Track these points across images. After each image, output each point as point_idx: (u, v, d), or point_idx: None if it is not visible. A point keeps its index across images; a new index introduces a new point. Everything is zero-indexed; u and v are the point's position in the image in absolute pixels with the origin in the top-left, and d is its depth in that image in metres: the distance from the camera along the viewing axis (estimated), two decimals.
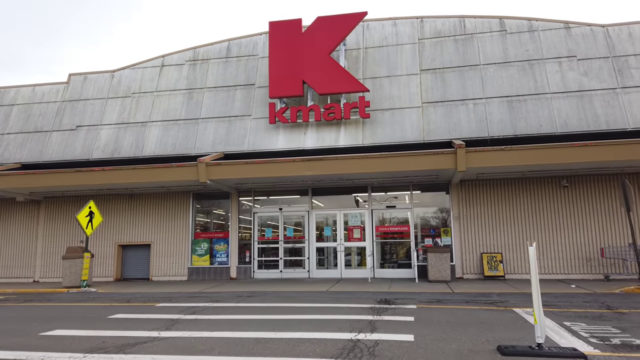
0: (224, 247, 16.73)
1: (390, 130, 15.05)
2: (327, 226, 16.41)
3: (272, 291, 12.73)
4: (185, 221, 16.95)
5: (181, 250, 16.82)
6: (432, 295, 11.42)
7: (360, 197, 16.33)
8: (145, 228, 17.16)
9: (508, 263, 14.64)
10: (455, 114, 14.84)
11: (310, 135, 15.54)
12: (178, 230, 16.94)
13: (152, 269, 16.92)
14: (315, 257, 16.09)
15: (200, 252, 16.84)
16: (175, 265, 16.80)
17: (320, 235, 16.41)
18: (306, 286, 13.64)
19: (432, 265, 14.09)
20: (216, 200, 17.23)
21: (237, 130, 16.13)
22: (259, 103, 16.30)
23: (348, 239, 16.01)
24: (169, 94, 17.18)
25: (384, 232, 15.93)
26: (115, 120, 17.21)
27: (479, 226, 14.99)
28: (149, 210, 17.21)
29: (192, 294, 12.65)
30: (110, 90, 17.74)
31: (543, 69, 14.96)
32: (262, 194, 16.87)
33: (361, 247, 15.98)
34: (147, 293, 13.04)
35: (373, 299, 10.77)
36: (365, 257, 15.82)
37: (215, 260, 16.74)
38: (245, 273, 16.36)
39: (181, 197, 17.12)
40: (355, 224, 16.07)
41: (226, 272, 16.48)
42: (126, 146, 16.68)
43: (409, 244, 15.65)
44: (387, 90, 15.60)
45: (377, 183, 15.72)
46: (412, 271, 15.37)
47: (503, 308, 9.40)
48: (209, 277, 16.56)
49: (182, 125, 16.63)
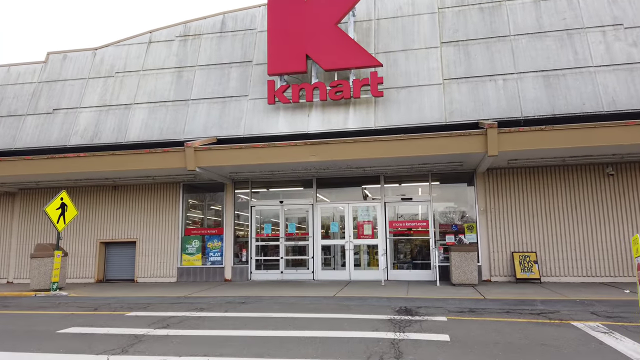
0: (217, 244, 14.84)
1: (407, 110, 13.09)
2: (333, 222, 14.48)
3: (269, 296, 10.83)
4: (175, 216, 15.08)
5: (170, 248, 14.96)
6: (461, 302, 9.46)
7: (370, 190, 14.38)
8: (130, 223, 15.32)
9: (544, 263, 12.64)
10: (483, 91, 12.85)
11: (314, 118, 13.62)
12: (166, 225, 15.09)
13: (137, 270, 15.07)
14: (320, 257, 14.17)
15: (191, 251, 14.96)
16: (163, 265, 14.94)
17: (326, 232, 14.49)
18: (310, 290, 11.73)
19: (455, 266, 12.11)
20: (209, 192, 15.36)
21: (231, 112, 14.23)
22: (256, 82, 14.40)
23: (358, 236, 14.08)
24: (157, 73, 15.32)
25: (398, 229, 13.97)
26: (96, 102, 15.37)
27: (509, 221, 13.00)
28: (135, 203, 15.37)
29: (176, 299, 10.76)
30: (91, 70, 15.91)
31: (584, 40, 12.93)
32: (260, 186, 14.96)
33: (372, 245, 14.04)
34: (124, 298, 11.18)
35: (391, 308, 8.83)
36: (377, 256, 13.87)
37: (207, 259, 14.86)
38: (241, 274, 14.47)
39: (170, 188, 15.25)
40: (366, 219, 14.12)
41: (220, 273, 14.59)
42: (107, 131, 14.84)
43: (427, 241, 13.68)
44: (402, 65, 13.63)
45: (391, 172, 13.76)
46: (431, 273, 13.41)
47: (558, 321, 7.42)
48: (201, 279, 14.69)
49: (170, 107, 14.76)
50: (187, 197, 15.34)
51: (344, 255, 14.10)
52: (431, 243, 13.51)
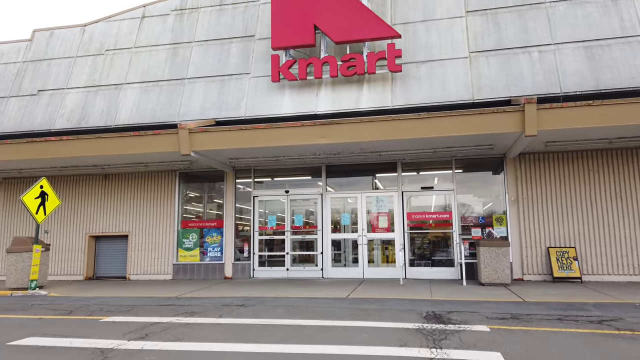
0: (217, 239, 13.47)
1: (428, 87, 11.58)
2: (345, 214, 13.05)
3: (273, 297, 9.43)
4: (170, 207, 13.72)
5: (165, 242, 13.61)
6: (498, 306, 8.00)
7: (386, 180, 12.92)
8: (122, 215, 13.98)
9: (585, 260, 11.12)
10: (515, 65, 11.30)
11: (324, 97, 12.15)
12: (161, 218, 13.73)
13: (129, 266, 13.74)
14: (330, 252, 12.75)
15: (188, 245, 13.61)
16: (157, 261, 13.59)
17: (336, 226, 13.06)
18: (319, 290, 10.32)
19: (485, 263, 10.63)
20: (208, 182, 13.98)
21: (231, 91, 12.81)
22: (259, 59, 12.95)
23: (372, 229, 12.63)
24: (150, 50, 13.92)
25: (417, 221, 12.50)
26: (84, 82, 14.01)
27: (545, 212, 11.48)
28: (127, 193, 14.02)
29: (166, 300, 9.39)
30: (80, 48, 14.54)
31: (631, 5, 11.33)
32: (264, 174, 13.55)
33: (388, 239, 12.59)
34: (108, 299, 9.83)
35: (416, 313, 7.40)
36: (394, 252, 12.42)
37: (206, 255, 13.49)
38: (243, 271, 13.09)
39: (165, 177, 13.88)
40: (382, 210, 12.66)
41: (219, 270, 13.22)
42: (96, 113, 13.48)
43: (449, 235, 12.21)
44: (422, 37, 12.11)
45: (409, 158, 12.29)
46: (454, 270, 11.95)
47: (630, 333, 5.95)
48: (199, 276, 13.33)
49: (164, 87, 13.36)
50: (183, 187, 13.97)
51: (357, 251, 12.67)
52: (454, 237, 12.03)
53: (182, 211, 13.87)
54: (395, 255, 12.36)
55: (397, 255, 12.24)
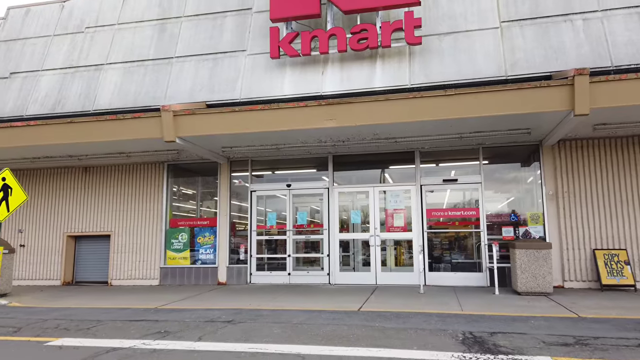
0: (209, 239, 11.89)
1: (453, 63, 9.92)
2: (355, 211, 11.42)
3: (270, 309, 7.83)
4: (157, 203, 12.17)
5: (151, 243, 12.06)
6: (550, 325, 6.35)
7: (401, 172, 11.28)
8: (103, 213, 12.45)
9: (637, 265, 9.45)
10: (556, 35, 9.63)
11: (330, 75, 10.53)
12: (147, 215, 12.18)
13: (112, 270, 12.19)
14: (338, 255, 11.14)
15: (177, 246, 12.04)
16: (142, 264, 12.04)
17: (344, 224, 11.45)
18: (325, 299, 8.70)
19: (521, 269, 8.96)
20: (200, 175, 12.41)
21: (225, 71, 11.21)
22: (257, 34, 11.35)
23: (386, 228, 10.99)
24: (135, 26, 12.35)
25: (438, 219, 10.87)
26: (61, 63, 12.47)
27: (589, 209, 9.82)
28: (109, 188, 12.49)
29: (142, 313, 7.81)
30: (57, 26, 13.01)
31: None
32: (263, 166, 11.96)
33: (405, 240, 10.95)
34: (75, 311, 8.26)
35: (450, 335, 5.76)
36: (412, 254, 10.78)
37: (198, 257, 11.92)
38: (239, 276, 11.51)
39: (151, 170, 12.33)
40: (397, 207, 11.03)
41: (212, 275, 11.65)
42: (73, 97, 11.93)
43: (476, 236, 10.56)
44: (445, 6, 10.46)
45: (429, 146, 10.66)
46: (481, 276, 10.30)
47: None
48: (189, 281, 11.76)
49: (150, 67, 11.79)
50: (172, 181, 12.42)
51: (368, 253, 11.04)
52: (482, 237, 10.38)
53: (171, 208, 12.31)
54: (412, 258, 10.73)
55: (415, 259, 10.63)
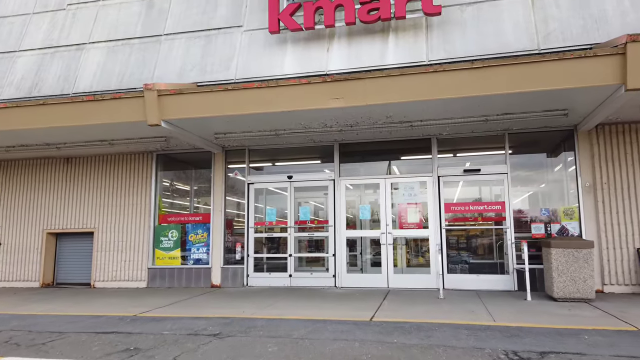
0: (202, 237, 10.74)
1: (477, 35, 8.71)
2: (363, 205, 10.22)
3: (266, 318, 6.66)
4: (145, 197, 11.02)
5: (138, 241, 10.92)
6: (608, 341, 5.14)
7: (414, 164, 10.08)
8: (87, 208, 11.31)
9: None
10: (596, 3, 8.39)
11: (337, 52, 9.34)
12: (134, 210, 11.04)
13: (95, 270, 11.05)
14: (345, 254, 9.95)
15: (167, 245, 10.89)
16: (129, 264, 10.90)
17: (352, 220, 10.26)
18: (331, 306, 7.52)
19: (558, 271, 7.74)
20: (193, 167, 11.26)
21: (219, 49, 10.04)
22: (254, 8, 10.18)
23: (399, 225, 9.80)
24: (120, 2, 11.20)
25: (458, 214, 9.67)
26: (40, 43, 11.34)
27: (634, 202, 8.60)
28: (93, 181, 11.36)
29: (115, 323, 6.65)
30: (37, 3, 11.88)
31: None
32: (261, 157, 10.80)
33: (421, 237, 9.75)
34: (40, 319, 7.12)
35: (487, 355, 4.56)
36: (428, 253, 9.58)
37: (189, 257, 10.77)
38: (234, 278, 10.35)
39: (139, 161, 11.19)
40: (412, 200, 9.82)
41: (206, 276, 10.50)
42: (51, 80, 10.80)
43: (501, 232, 9.36)
44: None
45: (448, 132, 9.46)
46: (508, 279, 9.08)
47: None
48: (180, 283, 10.61)
49: (136, 46, 10.64)
50: (162, 173, 11.27)
51: (379, 253, 9.85)
52: (508, 235, 9.17)
53: (161, 203, 11.16)
54: (429, 259, 9.53)
55: (432, 259, 9.43)
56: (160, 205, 11.14)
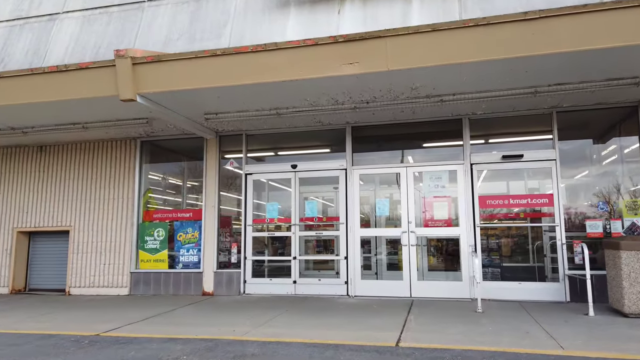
0: (193, 236, 9.26)
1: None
2: (381, 199, 8.66)
3: (261, 341, 5.14)
4: (128, 191, 9.57)
5: (120, 241, 9.47)
6: None
7: (441, 151, 8.49)
8: (62, 204, 9.89)
9: None
10: None
11: (350, 14, 7.80)
12: (115, 206, 9.59)
13: (71, 275, 9.62)
14: (359, 257, 8.40)
15: (152, 245, 9.42)
16: (108, 268, 9.45)
17: (366, 218, 8.71)
18: (345, 322, 5.99)
19: (631, 279, 6.14)
20: (183, 155, 9.79)
21: (210, 15, 8.55)
22: None
23: (423, 222, 8.23)
24: None
25: (495, 210, 8.08)
26: (7, 15, 9.94)
27: None
28: (69, 173, 9.93)
29: (68, 344, 5.16)
30: None
31: None
32: (261, 144, 9.29)
33: (450, 237, 8.18)
34: None
35: None
36: (459, 256, 8.01)
37: (178, 259, 9.29)
38: (229, 284, 8.86)
39: (120, 149, 9.74)
40: (439, 193, 8.26)
41: (196, 282, 9.02)
42: (19, 54, 9.38)
43: (547, 231, 7.77)
44: None
45: (483, 110, 7.89)
46: (557, 287, 7.50)
47: None
48: (167, 290, 9.13)
49: (115, 14, 9.18)
50: (147, 163, 9.81)
51: (399, 255, 8.30)
52: (558, 234, 7.57)
53: (146, 197, 9.70)
54: (460, 262, 7.96)
55: (463, 262, 7.86)
56: (145, 200, 9.68)
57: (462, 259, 7.91)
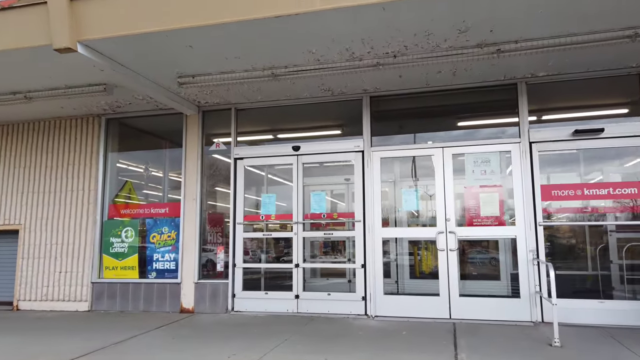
0: (169, 236, 7.34)
1: None
2: (407, 189, 6.68)
3: None
4: (90, 181, 7.68)
5: (79, 243, 7.58)
6: None
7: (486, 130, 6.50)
8: (9, 197, 8.01)
9: None
10: None
11: None
12: (74, 200, 7.71)
13: (19, 285, 7.74)
14: (381, 265, 6.43)
15: (119, 249, 7.52)
16: (66, 277, 7.56)
17: (385, 215, 6.73)
18: None
19: None
20: (159, 138, 7.87)
21: None
22: None
23: (466, 220, 6.24)
24: None
25: (565, 203, 6.07)
26: None
27: None
28: (18, 159, 8.05)
29: None
30: None
31: None
32: (254, 121, 7.36)
33: (502, 239, 6.20)
34: None
35: None
36: (515, 265, 6.03)
37: (151, 267, 7.38)
38: (214, 299, 6.94)
39: (80, 129, 7.85)
40: (485, 181, 6.27)
41: (173, 296, 7.11)
42: None
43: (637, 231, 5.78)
44: None
45: (548, 69, 5.89)
46: None
47: None
48: (136, 306, 7.23)
49: None
50: (116, 151, 7.91)
51: (431, 261, 6.34)
52: None
53: (111, 189, 7.80)
54: (517, 273, 5.98)
55: (522, 273, 5.88)
56: (110, 193, 7.77)
57: (520, 268, 5.93)
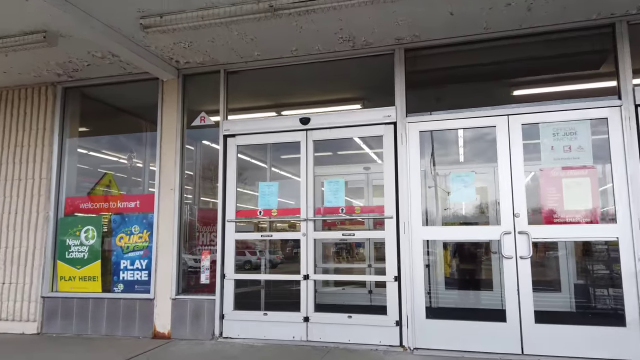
0: (140, 238, 5.63)
1: None
2: (457, 173, 4.90)
3: None
4: (41, 167, 6.01)
5: (26, 247, 5.92)
6: None
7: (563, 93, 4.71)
8: None
9: None
10: None
11: None
12: (20, 192, 6.05)
13: None
14: (422, 277, 4.67)
15: (77, 254, 5.83)
16: (9, 289, 5.90)
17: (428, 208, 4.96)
18: None
19: None
20: (130, 114, 6.17)
21: None
22: None
23: (542, 216, 4.45)
24: None
25: None
26: None
27: None
28: None
29: None
30: None
31: None
32: (250, 89, 5.63)
33: (594, 242, 4.42)
34: None
35: None
36: (614, 278, 4.25)
37: (118, 277, 5.68)
38: (196, 320, 5.22)
39: (31, 102, 6.19)
40: (569, 162, 4.48)
41: (144, 315, 5.40)
42: None
43: None
44: None
45: None
46: None
47: None
48: (97, 328, 5.54)
49: None
50: (75, 130, 6.22)
51: (488, 272, 4.56)
52: None
53: (68, 178, 6.11)
54: (624, 291, 4.18)
55: (628, 290, 4.08)
56: (67, 183, 6.08)
57: (624, 283, 4.15)
